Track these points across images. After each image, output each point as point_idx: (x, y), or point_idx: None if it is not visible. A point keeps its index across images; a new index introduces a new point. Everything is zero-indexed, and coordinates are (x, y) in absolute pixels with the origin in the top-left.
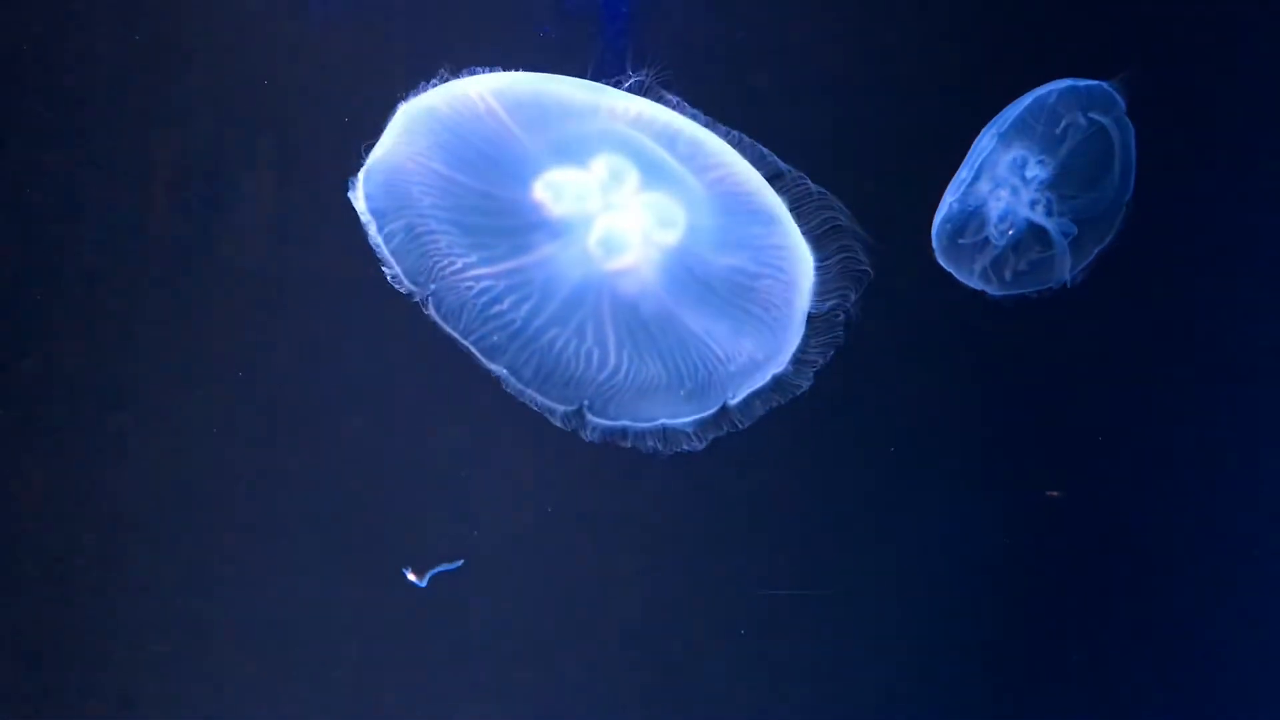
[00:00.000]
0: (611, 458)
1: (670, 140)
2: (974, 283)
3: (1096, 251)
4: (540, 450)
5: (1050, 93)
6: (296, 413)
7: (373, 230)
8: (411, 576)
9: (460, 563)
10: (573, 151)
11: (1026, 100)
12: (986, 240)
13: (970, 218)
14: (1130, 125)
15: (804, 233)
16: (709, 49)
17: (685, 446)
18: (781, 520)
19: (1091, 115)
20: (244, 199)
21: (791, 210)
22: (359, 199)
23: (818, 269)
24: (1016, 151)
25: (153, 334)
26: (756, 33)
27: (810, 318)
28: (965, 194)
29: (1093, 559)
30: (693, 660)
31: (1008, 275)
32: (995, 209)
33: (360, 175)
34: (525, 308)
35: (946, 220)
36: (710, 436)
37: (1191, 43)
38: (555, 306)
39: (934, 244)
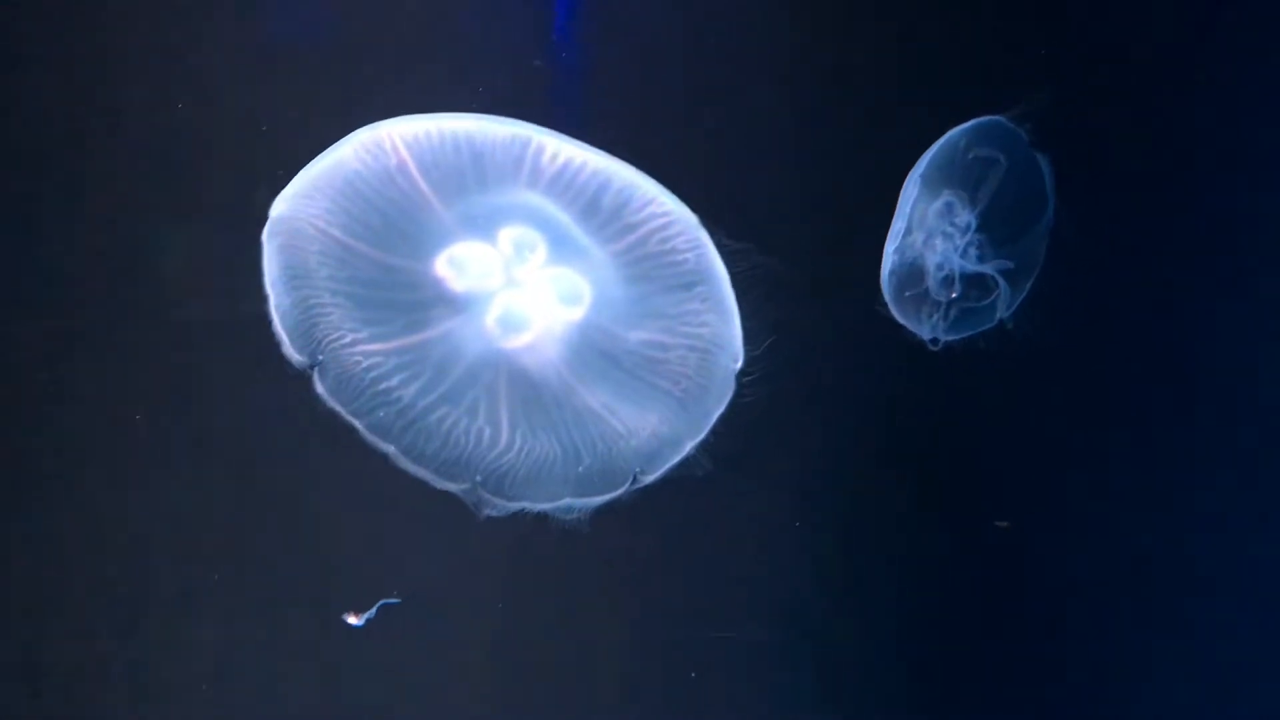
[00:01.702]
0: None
1: (595, 194)
2: (924, 332)
3: (1029, 287)
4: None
5: (960, 133)
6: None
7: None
8: (351, 619)
9: (397, 600)
10: (481, 223)
11: (939, 143)
12: (928, 292)
13: (911, 269)
14: (1041, 157)
15: (736, 298)
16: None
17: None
18: (730, 570)
19: (1003, 151)
20: (145, 244)
21: (727, 274)
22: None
23: (745, 336)
24: (944, 198)
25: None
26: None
27: (734, 389)
28: (902, 246)
29: (1041, 594)
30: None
31: (943, 325)
32: (932, 260)
33: (264, 234)
34: (415, 386)
35: (891, 274)
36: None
37: (1101, 68)
38: (447, 385)
39: (885, 298)
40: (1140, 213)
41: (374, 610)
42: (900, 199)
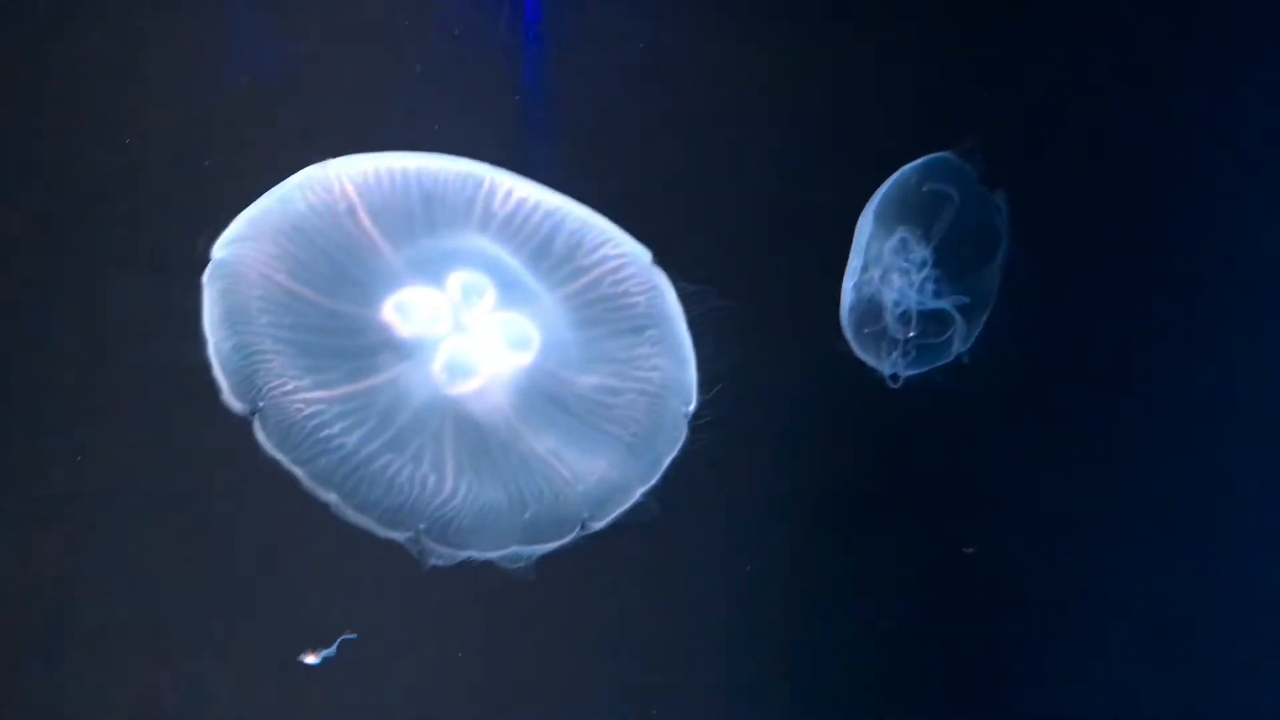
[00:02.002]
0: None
1: (548, 237)
2: (884, 368)
3: (984, 321)
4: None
5: (911, 169)
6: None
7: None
8: (309, 659)
9: (354, 635)
10: (430, 267)
11: (891, 179)
12: (886, 329)
13: (869, 306)
14: (990, 192)
15: (692, 340)
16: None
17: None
18: (684, 612)
19: (954, 186)
20: (84, 286)
21: (682, 315)
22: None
23: (700, 378)
24: (899, 234)
25: None
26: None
27: (685, 432)
28: (859, 283)
29: (1000, 628)
30: None
31: (902, 361)
32: (889, 296)
33: (204, 276)
34: (358, 433)
35: (851, 310)
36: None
37: (1050, 101)
38: (392, 432)
39: (846, 335)
40: (1091, 243)
41: (333, 648)
42: (856, 236)
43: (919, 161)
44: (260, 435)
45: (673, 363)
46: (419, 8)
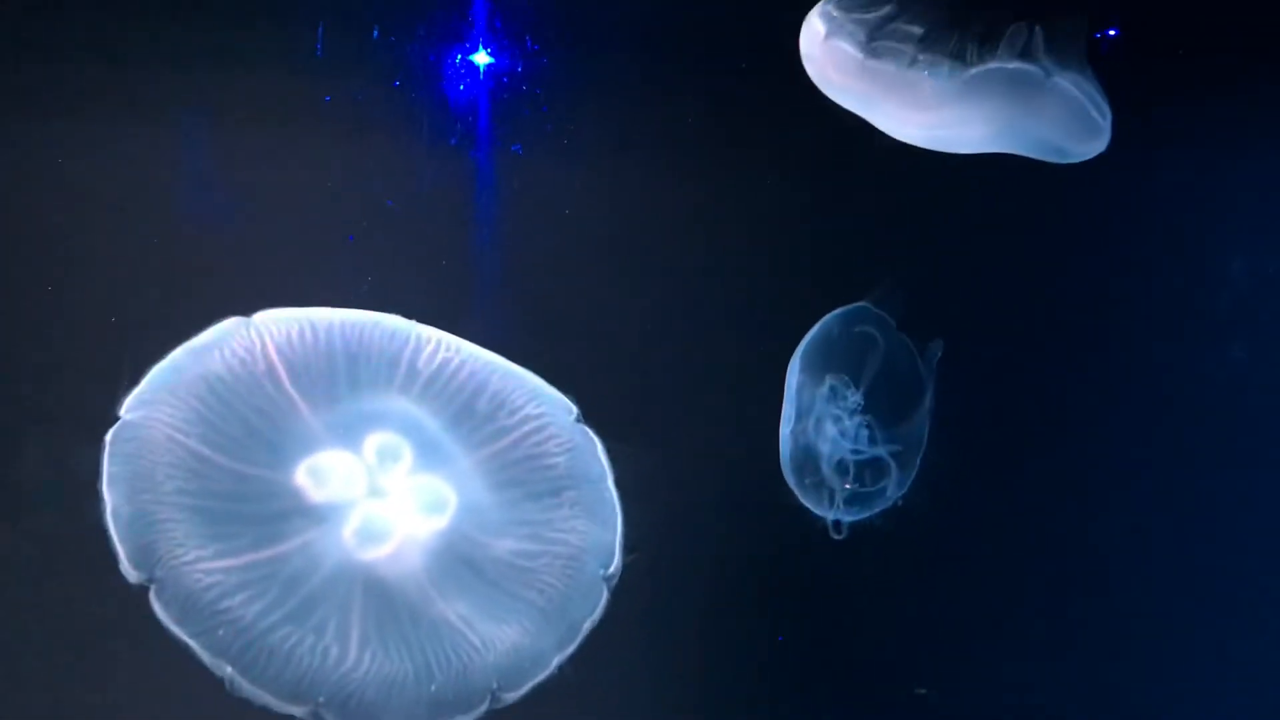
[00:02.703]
0: None
1: (470, 398)
2: (829, 514)
3: (919, 463)
4: None
5: (833, 318)
6: None
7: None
8: None
9: None
10: (348, 430)
11: (815, 328)
12: (824, 479)
13: (807, 455)
14: (911, 338)
15: (619, 499)
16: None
17: None
18: None
19: (877, 331)
20: None
21: (608, 475)
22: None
23: (623, 535)
24: (828, 382)
25: None
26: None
27: (605, 597)
28: (795, 432)
29: None
30: None
31: (844, 509)
32: (824, 447)
33: (107, 438)
34: (259, 604)
35: (790, 461)
36: None
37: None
38: (296, 602)
39: (790, 485)
40: (1015, 381)
41: None
42: (786, 386)
43: (839, 311)
44: (156, 606)
45: (593, 524)
46: (345, 161)
